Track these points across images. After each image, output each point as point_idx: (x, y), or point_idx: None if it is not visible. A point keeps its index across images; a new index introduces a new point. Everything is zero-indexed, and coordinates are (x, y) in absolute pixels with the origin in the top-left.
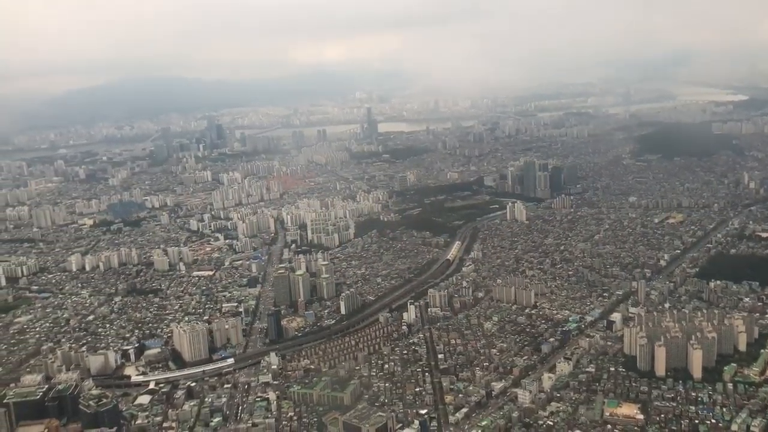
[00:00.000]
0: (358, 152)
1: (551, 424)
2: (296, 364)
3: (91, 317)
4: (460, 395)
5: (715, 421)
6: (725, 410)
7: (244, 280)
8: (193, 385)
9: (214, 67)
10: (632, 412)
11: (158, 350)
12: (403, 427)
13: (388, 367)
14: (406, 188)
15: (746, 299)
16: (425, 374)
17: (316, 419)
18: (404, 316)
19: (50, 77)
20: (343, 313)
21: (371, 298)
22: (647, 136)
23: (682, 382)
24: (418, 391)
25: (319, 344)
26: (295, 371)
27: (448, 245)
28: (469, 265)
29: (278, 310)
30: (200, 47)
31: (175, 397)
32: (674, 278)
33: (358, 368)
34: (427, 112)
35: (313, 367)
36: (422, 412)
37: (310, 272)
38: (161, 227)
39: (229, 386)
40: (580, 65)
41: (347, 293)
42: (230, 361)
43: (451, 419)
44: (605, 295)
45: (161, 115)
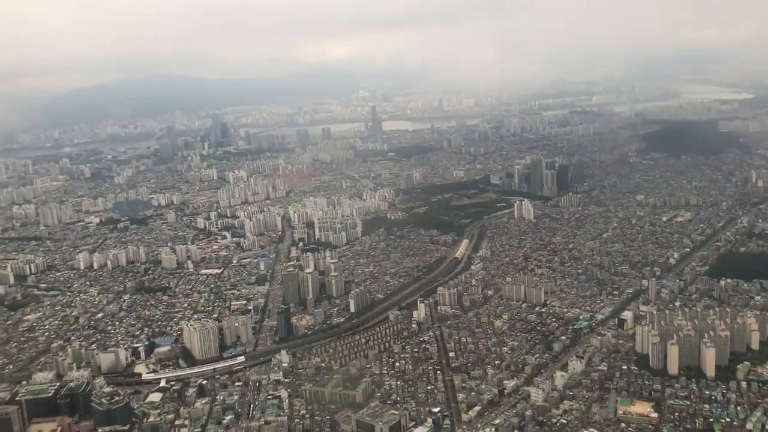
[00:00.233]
0: (363, 150)
1: (565, 422)
2: (307, 362)
3: (100, 315)
4: (472, 393)
5: (729, 419)
6: (739, 409)
7: (252, 278)
8: (204, 382)
9: (217, 65)
10: (646, 410)
11: (168, 348)
12: (416, 425)
13: (399, 365)
14: (412, 186)
15: (757, 297)
16: (437, 372)
17: (328, 417)
18: (414, 314)
19: (54, 75)
20: (352, 311)
21: (380, 296)
22: (653, 134)
23: (695, 380)
24: (429, 389)
25: (329, 342)
26: (306, 369)
27: (455, 243)
28: (477, 263)
29: (288, 308)
30: (204, 46)
31: (186, 394)
32: (684, 276)
33: (369, 366)
34: (431, 110)
35: (324, 365)
36: (435, 410)
37: (318, 270)
38: (168, 225)
39: (240, 384)
40: (587, 64)
41: (356, 291)
42: (241, 358)
43: (464, 417)
44: (615, 293)
45: (165, 113)
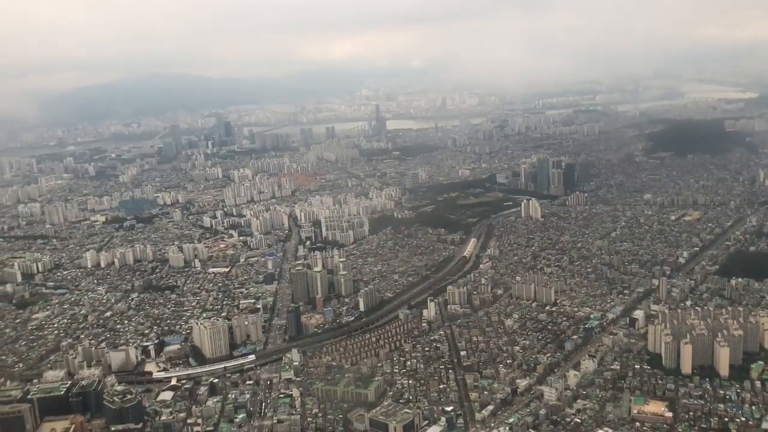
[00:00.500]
0: (367, 149)
1: (579, 421)
2: (318, 360)
3: (108, 313)
4: (484, 392)
5: (745, 419)
6: (754, 408)
7: (260, 276)
8: (215, 381)
9: (220, 64)
10: (660, 409)
11: (178, 346)
12: (429, 424)
13: (410, 364)
14: (418, 185)
15: None
16: (448, 371)
17: (341, 416)
18: (424, 313)
19: (56, 74)
20: (361, 309)
21: (389, 295)
22: (659, 133)
23: (708, 379)
24: (442, 388)
25: (339, 341)
26: (317, 368)
27: (463, 242)
28: (486, 262)
29: (298, 306)
30: (206, 45)
31: (197, 393)
32: (694, 276)
33: (380, 365)
34: (434, 109)
35: (334, 363)
36: (448, 409)
37: (326, 269)
38: (174, 224)
39: (251, 383)
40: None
41: (366, 290)
42: (251, 357)
43: (477, 416)
44: (625, 292)
45: (168, 112)
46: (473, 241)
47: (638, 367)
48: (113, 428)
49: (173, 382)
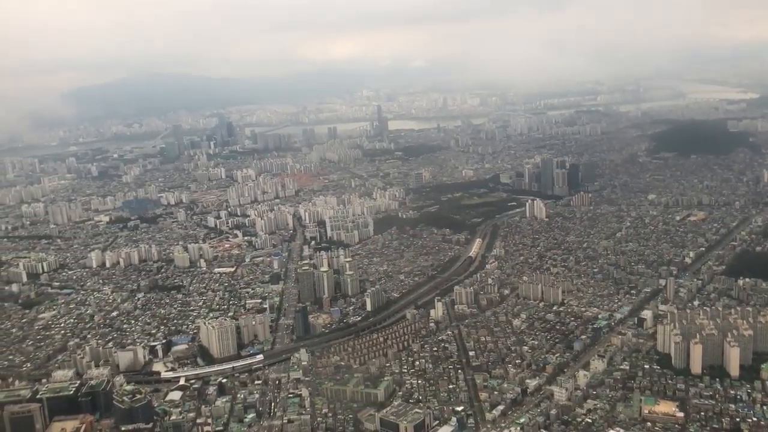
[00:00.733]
0: (370, 150)
1: (590, 421)
2: (326, 360)
3: (115, 313)
4: (494, 392)
5: (756, 419)
6: (765, 409)
7: (266, 276)
8: (224, 381)
9: (221, 64)
10: (671, 409)
11: (186, 346)
12: (440, 424)
13: (419, 364)
14: (421, 185)
15: None
16: (457, 371)
17: (351, 416)
18: (431, 312)
19: (58, 74)
20: (368, 309)
21: (396, 294)
22: (661, 133)
23: (719, 379)
24: (451, 388)
25: (347, 341)
26: (325, 368)
27: (468, 242)
28: (492, 262)
29: (305, 306)
30: (207, 45)
31: (206, 393)
32: (701, 276)
33: (388, 365)
34: (435, 110)
35: (343, 363)
36: (458, 409)
37: (332, 269)
38: (178, 224)
39: (260, 382)
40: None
41: (373, 290)
42: (259, 357)
43: (487, 416)
44: (633, 292)
45: (169, 112)
46: (478, 241)
47: (648, 367)
48: (123, 428)
49: (182, 381)
